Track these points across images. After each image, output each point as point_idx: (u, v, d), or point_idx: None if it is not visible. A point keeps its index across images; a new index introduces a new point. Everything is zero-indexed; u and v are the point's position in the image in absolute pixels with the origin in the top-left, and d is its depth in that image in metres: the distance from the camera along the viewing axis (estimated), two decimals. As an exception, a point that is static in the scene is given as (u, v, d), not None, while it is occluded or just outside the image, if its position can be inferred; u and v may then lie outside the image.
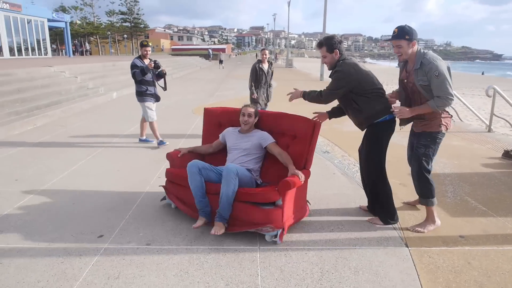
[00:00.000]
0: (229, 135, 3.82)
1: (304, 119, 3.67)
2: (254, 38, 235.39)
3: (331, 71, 3.37)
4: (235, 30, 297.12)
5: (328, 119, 3.75)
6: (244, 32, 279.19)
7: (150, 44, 6.10)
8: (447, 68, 2.97)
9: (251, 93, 7.04)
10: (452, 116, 3.23)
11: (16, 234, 3.22)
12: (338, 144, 6.46)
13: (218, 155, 3.94)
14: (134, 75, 5.90)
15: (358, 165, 5.09)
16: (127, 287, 2.51)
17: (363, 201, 3.92)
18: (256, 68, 7.04)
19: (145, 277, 2.61)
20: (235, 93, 13.94)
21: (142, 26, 61.67)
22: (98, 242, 3.08)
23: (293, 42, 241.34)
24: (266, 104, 7.17)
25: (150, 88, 6.07)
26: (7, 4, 23.70)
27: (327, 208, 3.80)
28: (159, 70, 6.01)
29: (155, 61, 5.94)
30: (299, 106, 4.61)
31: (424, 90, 3.01)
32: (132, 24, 59.47)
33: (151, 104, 6.15)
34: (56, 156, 5.59)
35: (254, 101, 7.01)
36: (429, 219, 3.34)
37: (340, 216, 3.62)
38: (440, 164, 5.27)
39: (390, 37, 3.10)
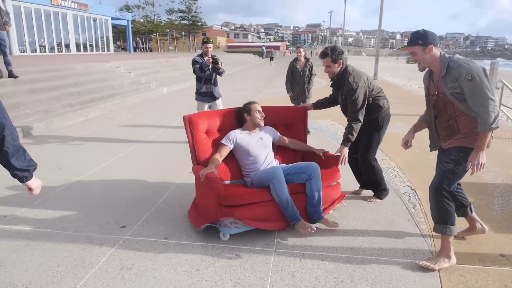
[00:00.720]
0: (243, 138, 3.50)
1: (294, 108, 4.22)
2: (310, 35, 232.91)
3: (332, 80, 3.87)
4: (291, 27, 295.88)
5: (312, 109, 4.22)
6: (300, 30, 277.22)
7: (212, 40, 5.75)
8: (483, 71, 2.44)
9: (287, 91, 7.12)
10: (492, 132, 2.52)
11: (48, 219, 3.40)
12: (382, 146, 6.13)
13: (228, 166, 3.60)
14: (194, 71, 5.74)
15: (400, 172, 4.83)
16: (138, 279, 2.54)
17: (397, 208, 3.68)
18: (291, 67, 7.03)
19: (156, 270, 2.63)
20: (283, 91, 13.79)
21: (199, 24, 63.34)
22: (119, 233, 3.16)
23: (350, 40, 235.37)
24: (304, 101, 7.00)
25: (206, 86, 5.85)
26: (75, 4, 25.46)
27: (354, 214, 3.60)
28: (217, 66, 5.63)
29: (213, 57, 5.63)
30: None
31: (457, 100, 2.52)
32: (190, 22, 61.27)
33: (201, 105, 5.96)
34: (99, 147, 5.87)
35: (292, 99, 6.94)
36: (444, 252, 2.71)
37: (367, 223, 3.41)
38: (492, 173, 4.81)
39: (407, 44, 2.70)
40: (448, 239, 2.70)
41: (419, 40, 2.58)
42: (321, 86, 14.36)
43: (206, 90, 5.90)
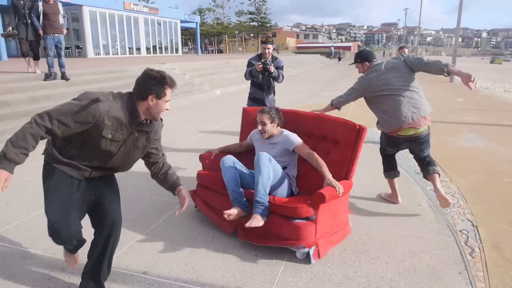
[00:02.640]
0: (255, 140, 3.45)
1: (347, 123, 3.30)
2: (384, 35, 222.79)
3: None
4: (365, 27, 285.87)
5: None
6: (374, 29, 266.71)
7: (272, 41, 5.05)
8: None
9: None
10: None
11: (35, 236, 3.12)
12: (443, 163, 5.14)
13: (250, 155, 3.34)
14: (244, 75, 5.23)
15: (461, 199, 3.88)
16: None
17: (446, 252, 2.83)
18: None
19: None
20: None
21: (268, 25, 63.52)
22: (97, 260, 2.75)
23: (428, 39, 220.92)
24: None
25: (258, 92, 5.25)
26: (147, 8, 26.63)
27: (386, 257, 2.81)
28: (269, 72, 4.94)
29: (264, 62, 4.90)
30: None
31: None
32: (259, 23, 61.69)
33: None
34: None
35: None
36: None
37: (401, 271, 2.62)
38: None
39: None
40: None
41: (358, 59, 3.69)
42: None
43: (258, 97, 5.28)
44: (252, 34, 61.12)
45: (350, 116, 8.50)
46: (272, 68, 4.91)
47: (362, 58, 3.66)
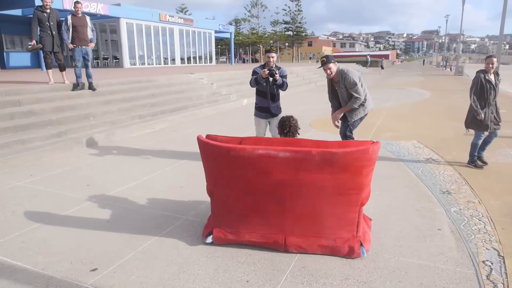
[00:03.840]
0: None
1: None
2: (425, 43, 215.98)
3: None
4: (404, 35, 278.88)
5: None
6: (414, 37, 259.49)
7: (274, 49, 5.15)
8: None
9: (477, 114, 5.25)
10: None
11: (30, 248, 3.07)
12: (473, 181, 4.70)
13: None
14: (250, 83, 5.24)
15: (488, 224, 3.48)
16: None
17: (464, 287, 2.50)
18: (482, 80, 5.18)
19: None
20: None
21: (303, 34, 63.27)
22: (82, 279, 2.64)
23: (473, 46, 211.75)
24: (497, 126, 5.31)
25: (263, 101, 5.19)
26: (182, 19, 27.24)
27: (394, 285, 2.52)
28: (275, 81, 4.96)
29: (270, 68, 4.92)
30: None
31: None
32: (294, 32, 61.58)
33: (258, 121, 5.33)
34: (141, 163, 5.60)
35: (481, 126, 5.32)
36: None
37: (408, 309, 2.32)
38: None
39: None
40: None
41: (332, 60, 4.74)
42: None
43: (263, 105, 5.23)
44: (287, 44, 61.06)
45: (378, 126, 8.11)
46: (277, 76, 4.89)
47: (333, 59, 4.79)
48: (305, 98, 14.06)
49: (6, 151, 5.61)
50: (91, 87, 8.47)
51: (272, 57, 5.00)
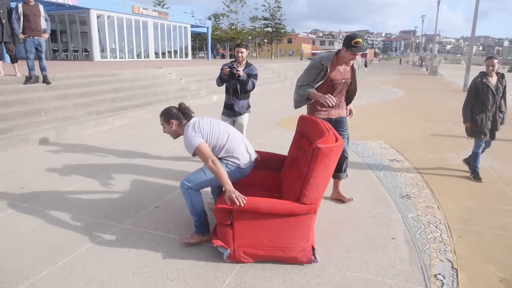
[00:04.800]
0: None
1: (322, 133, 2.95)
2: (402, 42, 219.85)
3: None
4: (383, 34, 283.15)
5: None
6: (392, 37, 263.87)
7: (245, 44, 4.74)
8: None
9: (465, 120, 4.87)
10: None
11: None
12: (435, 185, 4.53)
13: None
14: (216, 80, 4.95)
15: (445, 232, 3.29)
16: None
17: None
18: (478, 85, 4.70)
19: None
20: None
21: (283, 31, 63.13)
22: (-20, 303, 2.28)
23: (448, 47, 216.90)
24: (492, 137, 4.81)
25: (227, 98, 4.91)
26: (156, 12, 26.54)
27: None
28: (238, 77, 4.62)
29: (231, 65, 4.58)
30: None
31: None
32: (274, 29, 61.37)
33: (222, 118, 5.02)
34: (89, 163, 5.20)
35: (476, 131, 4.81)
36: None
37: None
38: None
39: None
40: None
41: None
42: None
43: (228, 102, 4.94)
44: (266, 40, 60.79)
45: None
46: (240, 72, 4.59)
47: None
48: (277, 95, 13.80)
49: None
50: (45, 80, 7.95)
51: (242, 52, 4.70)
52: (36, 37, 7.49)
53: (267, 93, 14.43)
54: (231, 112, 4.95)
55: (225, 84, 4.89)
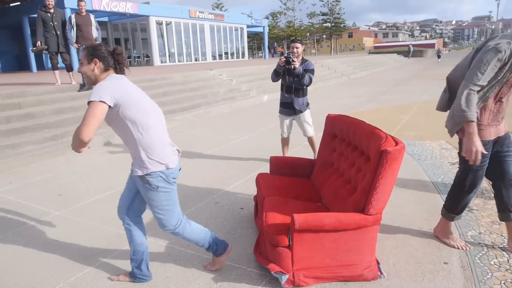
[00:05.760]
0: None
1: (375, 134, 2.49)
2: (476, 29, 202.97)
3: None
4: (453, 22, 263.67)
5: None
6: (464, 24, 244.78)
7: (300, 39, 4.73)
8: None
9: None
10: None
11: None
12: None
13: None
14: (271, 77, 4.90)
15: (508, 257, 2.69)
16: None
17: None
18: None
19: None
20: (402, 98, 11.37)
21: (342, 25, 61.25)
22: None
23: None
24: None
25: (284, 95, 4.76)
26: (212, 15, 26.97)
27: None
28: (294, 69, 4.50)
29: (287, 56, 4.48)
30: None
31: None
32: (332, 24, 59.75)
33: (280, 117, 4.94)
34: (123, 171, 5.18)
35: None
36: None
37: None
38: None
39: None
40: None
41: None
42: None
43: (286, 101, 4.81)
44: (324, 36, 59.40)
45: (404, 123, 7.20)
46: (296, 63, 4.49)
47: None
48: (333, 92, 13.19)
49: (-6, 157, 5.42)
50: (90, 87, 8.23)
51: (297, 48, 4.59)
52: (88, 46, 7.78)
53: (321, 91, 13.86)
54: (290, 110, 4.83)
55: (280, 80, 4.81)
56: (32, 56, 17.65)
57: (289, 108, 4.80)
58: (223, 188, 4.31)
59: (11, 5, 20.00)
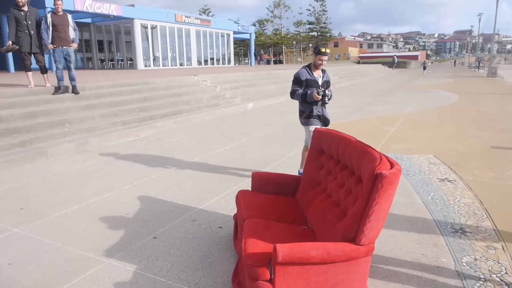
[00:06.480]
0: None
1: (368, 153, 2.24)
2: (457, 43, 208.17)
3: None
4: (436, 35, 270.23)
5: None
6: (446, 37, 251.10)
7: (328, 51, 4.42)
8: None
9: None
10: None
11: None
12: (495, 212, 3.65)
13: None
14: (292, 95, 4.47)
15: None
16: None
17: None
18: None
19: None
20: (388, 110, 11.29)
21: (328, 35, 61.82)
22: None
23: (509, 46, 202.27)
24: None
25: (316, 108, 4.48)
26: (198, 20, 26.70)
27: None
28: (326, 98, 4.36)
29: (324, 91, 4.29)
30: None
31: None
32: (319, 33, 60.25)
33: (312, 128, 4.53)
34: (100, 180, 4.84)
35: None
36: None
37: None
38: None
39: None
40: None
41: None
42: None
43: (317, 113, 4.50)
44: (310, 44, 59.80)
45: (390, 136, 7.04)
46: (327, 98, 4.38)
47: None
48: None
49: (-47, 164, 4.99)
50: (74, 90, 7.84)
51: (324, 60, 4.34)
52: (65, 47, 7.41)
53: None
54: (321, 123, 4.57)
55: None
56: (10, 56, 16.99)
57: (322, 120, 4.57)
58: (201, 203, 4.01)
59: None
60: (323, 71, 4.56)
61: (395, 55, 53.20)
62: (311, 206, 2.82)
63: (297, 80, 4.39)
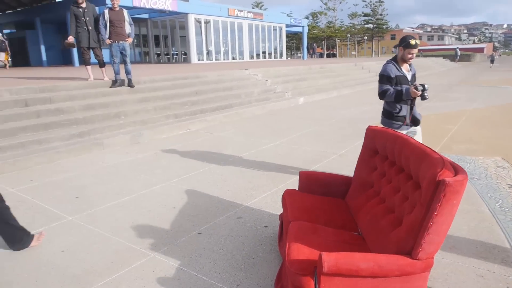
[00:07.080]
0: None
1: (428, 156, 2.03)
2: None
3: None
4: (504, 26, 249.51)
5: None
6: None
7: (418, 42, 3.85)
8: None
9: None
10: None
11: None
12: None
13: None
14: (381, 95, 3.94)
15: None
16: None
17: None
18: None
19: None
20: (450, 106, 10.53)
21: (384, 27, 59.26)
22: None
23: None
24: None
25: (403, 107, 3.93)
26: (251, 13, 26.72)
27: None
28: (426, 93, 3.70)
29: (423, 85, 3.66)
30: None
31: None
32: (374, 25, 57.94)
33: (405, 130, 4.09)
34: (151, 172, 4.94)
35: None
36: None
37: None
38: None
39: None
40: None
41: None
42: None
43: (404, 114, 3.96)
44: (366, 37, 57.73)
45: (452, 134, 6.53)
46: (426, 93, 3.68)
47: None
48: (373, 97, 12.49)
49: (20, 152, 5.34)
50: (129, 83, 8.13)
51: (414, 54, 3.81)
52: (121, 42, 7.67)
53: (360, 95, 13.21)
54: (414, 122, 4.04)
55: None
56: (75, 51, 18.10)
57: (411, 121, 4.01)
58: (247, 200, 3.94)
59: (56, 0, 20.68)
60: (409, 64, 4.00)
61: (457, 47, 49.81)
62: (362, 211, 2.63)
63: (386, 78, 3.82)
